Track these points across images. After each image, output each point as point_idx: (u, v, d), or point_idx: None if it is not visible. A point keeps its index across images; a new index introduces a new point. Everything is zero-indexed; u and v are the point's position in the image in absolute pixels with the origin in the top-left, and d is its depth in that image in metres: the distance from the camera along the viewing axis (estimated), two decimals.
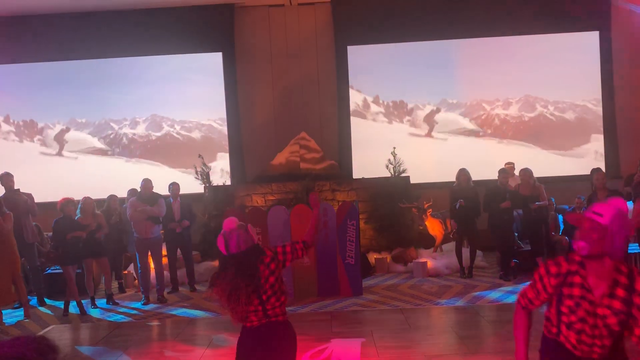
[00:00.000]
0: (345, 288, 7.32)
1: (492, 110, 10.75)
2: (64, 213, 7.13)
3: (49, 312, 7.40)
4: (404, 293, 7.37)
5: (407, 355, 4.95)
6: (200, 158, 9.80)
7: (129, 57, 10.74)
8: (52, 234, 7.57)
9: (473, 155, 10.34)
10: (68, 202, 7.19)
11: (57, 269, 8.10)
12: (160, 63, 10.82)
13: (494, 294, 7.07)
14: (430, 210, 8.94)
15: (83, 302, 7.26)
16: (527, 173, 7.97)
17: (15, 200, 7.62)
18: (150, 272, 7.73)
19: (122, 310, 7.23)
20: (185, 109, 10.82)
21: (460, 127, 10.76)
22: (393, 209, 9.05)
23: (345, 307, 6.81)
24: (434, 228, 8.96)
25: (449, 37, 10.62)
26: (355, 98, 10.79)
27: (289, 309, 6.83)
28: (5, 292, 6.84)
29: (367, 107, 10.81)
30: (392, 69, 10.76)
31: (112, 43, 10.59)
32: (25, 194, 7.94)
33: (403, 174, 9.53)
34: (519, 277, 7.86)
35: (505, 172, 8.20)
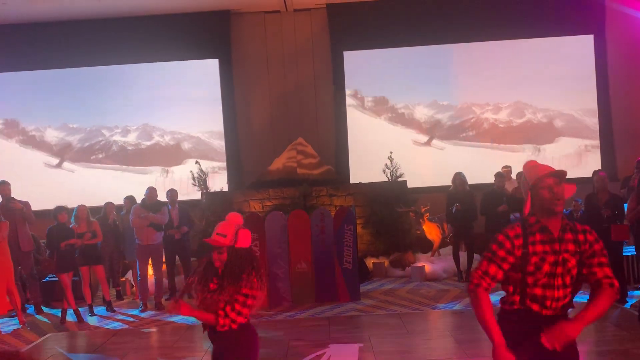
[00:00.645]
0: (343, 293, 7.31)
1: (482, 115, 10.78)
2: (57, 220, 7.12)
3: (46, 320, 7.37)
4: (402, 297, 7.37)
5: None
6: (197, 164, 9.80)
7: (125, 64, 10.75)
8: (46, 242, 7.56)
9: (469, 159, 10.36)
10: (61, 209, 7.19)
11: (53, 277, 8.07)
12: (157, 70, 10.84)
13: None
14: (428, 215, 8.95)
15: (80, 309, 7.23)
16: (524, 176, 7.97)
17: (11, 209, 7.59)
18: (150, 278, 7.72)
19: (119, 318, 7.20)
20: (182, 115, 10.82)
21: (457, 131, 10.78)
22: (390, 214, 9.06)
23: (343, 312, 6.81)
24: (432, 232, 8.96)
25: (444, 41, 10.66)
26: (352, 103, 10.81)
27: (287, 314, 6.83)
28: (2, 298, 6.83)
29: (363, 111, 10.83)
30: (388, 74, 10.79)
31: (107, 50, 10.59)
32: (22, 202, 7.92)
33: (400, 179, 9.55)
34: None
35: (502, 175, 8.22)
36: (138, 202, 7.91)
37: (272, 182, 9.72)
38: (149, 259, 7.61)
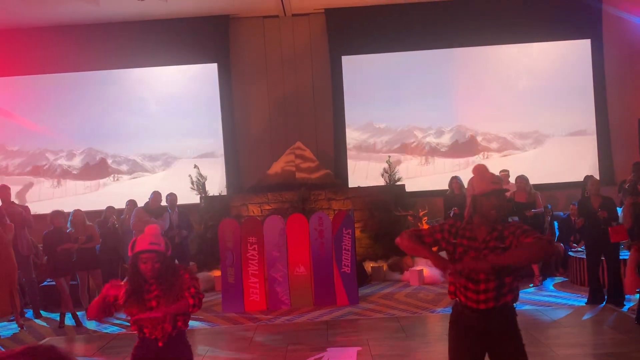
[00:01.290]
0: (342, 297, 7.32)
1: (483, 114, 10.81)
2: (54, 225, 7.13)
3: (45, 324, 7.38)
4: (400, 301, 7.38)
5: None
6: (196, 168, 9.82)
7: (123, 68, 10.76)
8: (42, 246, 7.58)
9: (466, 162, 10.39)
10: (58, 213, 7.20)
11: (52, 282, 8.08)
12: (155, 74, 10.86)
13: None
14: (426, 218, 8.97)
15: (78, 313, 7.24)
16: (523, 180, 8.01)
17: (11, 213, 7.61)
18: None
19: (117, 322, 7.20)
20: (181, 120, 10.84)
21: (452, 134, 10.81)
22: (389, 217, 9.08)
23: (342, 316, 6.82)
24: None
25: (443, 46, 10.70)
26: (350, 107, 10.83)
27: (286, 318, 6.83)
28: (3, 303, 6.84)
29: (362, 115, 10.85)
30: (386, 78, 10.82)
31: (106, 55, 10.59)
32: (22, 207, 7.95)
33: (398, 183, 9.58)
34: None
35: (501, 178, 8.24)
36: (139, 205, 7.93)
37: (270, 186, 9.74)
38: None
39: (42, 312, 7.88)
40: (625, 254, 7.15)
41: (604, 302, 6.63)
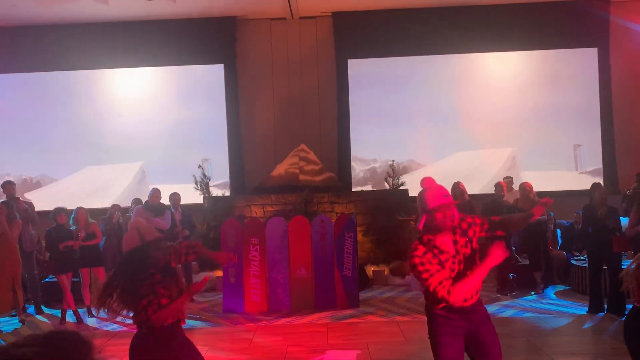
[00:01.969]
0: (342, 300, 7.32)
1: (488, 123, 10.81)
2: (56, 222, 7.17)
3: (46, 320, 7.41)
4: (401, 306, 7.38)
5: None
6: (200, 168, 9.85)
7: (130, 67, 10.82)
8: (44, 243, 7.62)
9: (470, 168, 10.39)
10: (60, 210, 7.24)
11: (54, 278, 8.12)
12: (161, 75, 10.91)
13: (491, 308, 7.05)
14: None
15: (80, 310, 7.26)
16: (526, 187, 7.99)
17: (15, 209, 7.65)
18: None
19: (118, 320, 7.21)
20: (186, 120, 10.88)
21: (459, 139, 10.81)
22: (391, 222, 9.08)
23: (342, 318, 6.81)
24: None
25: (448, 52, 10.72)
26: (355, 111, 10.85)
27: (286, 320, 6.84)
28: (6, 297, 6.89)
29: (366, 119, 10.86)
30: (392, 82, 10.84)
31: (113, 54, 10.66)
32: (26, 203, 7.99)
33: (401, 187, 9.58)
34: (516, 291, 7.87)
35: (501, 186, 8.24)
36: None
37: (274, 187, 9.75)
38: None
39: (43, 308, 7.91)
40: (625, 264, 7.14)
41: (605, 311, 6.61)
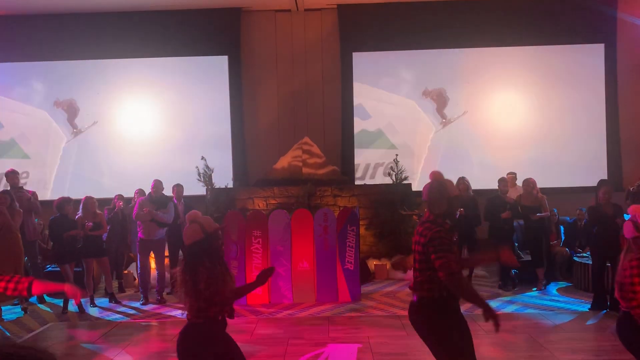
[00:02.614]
0: (344, 293, 7.32)
1: (494, 118, 10.75)
2: (60, 212, 7.18)
3: (48, 309, 7.43)
4: (403, 300, 7.36)
5: None
6: (203, 160, 9.83)
7: (134, 58, 10.80)
8: (48, 232, 7.63)
9: (474, 163, 10.35)
10: (64, 201, 7.24)
11: (57, 267, 8.14)
12: (165, 65, 10.88)
13: (493, 304, 7.06)
14: None
15: (82, 300, 7.28)
16: (530, 183, 7.96)
17: (19, 198, 7.67)
18: (151, 272, 7.76)
19: (120, 310, 7.25)
20: (190, 111, 10.87)
21: (462, 135, 10.77)
22: (394, 216, 9.06)
23: (343, 312, 6.82)
24: None
25: (454, 46, 10.67)
26: (359, 104, 10.81)
27: (288, 312, 6.85)
28: None
29: (370, 113, 10.83)
30: (396, 76, 10.80)
31: (116, 44, 10.65)
32: (30, 192, 8.00)
33: (404, 181, 9.55)
34: (518, 287, 7.86)
35: (505, 181, 8.21)
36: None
37: (277, 180, 9.74)
38: (151, 253, 7.65)
39: (46, 297, 7.94)
40: None
41: (607, 308, 6.60)
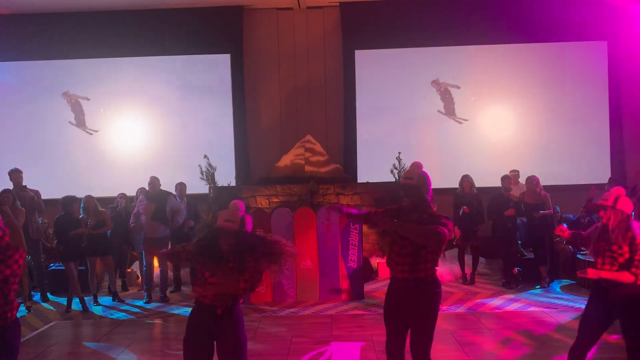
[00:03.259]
0: (347, 292, 7.32)
1: (498, 116, 10.72)
2: (65, 211, 7.19)
3: (52, 308, 7.45)
4: None
5: None
6: (206, 158, 9.83)
7: (136, 57, 10.79)
8: (54, 231, 7.64)
9: (477, 161, 10.33)
10: (69, 199, 7.26)
11: (60, 266, 8.16)
12: (167, 64, 10.88)
13: (496, 302, 7.06)
14: None
15: (86, 298, 7.30)
16: (533, 181, 7.95)
17: (22, 197, 7.69)
18: (154, 270, 7.77)
19: (124, 308, 7.27)
20: (192, 110, 10.86)
21: (465, 132, 10.75)
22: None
23: (346, 310, 6.83)
24: None
25: (456, 43, 10.63)
26: (362, 102, 10.80)
27: (291, 311, 6.86)
28: None
29: (373, 111, 10.80)
30: (399, 74, 10.77)
31: (118, 43, 10.63)
32: (33, 191, 8.01)
33: None
34: (522, 285, 7.85)
35: (509, 178, 8.19)
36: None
37: (279, 178, 9.74)
38: (154, 251, 7.66)
39: (49, 295, 7.96)
40: None
41: None
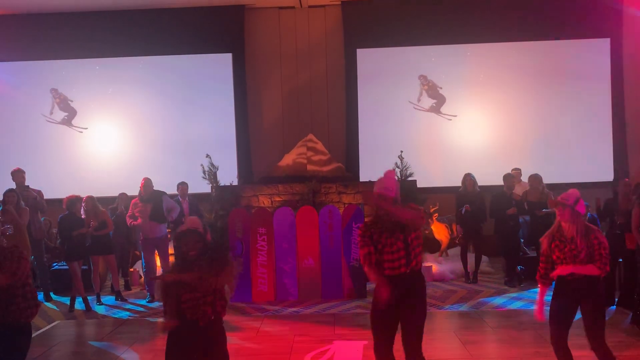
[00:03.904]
0: (349, 290, 7.32)
1: (500, 114, 10.70)
2: (69, 210, 7.21)
3: (55, 307, 7.46)
4: None
5: None
6: (208, 158, 9.83)
7: (138, 56, 10.79)
8: (57, 230, 7.66)
9: (480, 159, 10.31)
10: (74, 199, 7.27)
11: (63, 265, 8.17)
12: (169, 63, 10.88)
13: (499, 300, 7.05)
14: (437, 215, 8.92)
15: (89, 298, 7.32)
16: (536, 179, 7.93)
17: (25, 197, 7.70)
18: (157, 270, 7.78)
19: (127, 307, 7.28)
20: (194, 109, 10.86)
21: (468, 130, 10.72)
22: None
23: (349, 309, 6.82)
24: (440, 233, 8.94)
25: (459, 42, 10.61)
26: (364, 100, 10.78)
27: (293, 310, 6.86)
28: None
29: (375, 109, 10.79)
30: (400, 72, 10.76)
31: (120, 43, 10.63)
32: (35, 191, 8.03)
33: (410, 178, 9.52)
34: (524, 283, 7.84)
35: (511, 177, 8.17)
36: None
37: (281, 177, 9.73)
38: (155, 250, 7.67)
39: (52, 295, 7.97)
40: None
41: (615, 304, 6.56)
